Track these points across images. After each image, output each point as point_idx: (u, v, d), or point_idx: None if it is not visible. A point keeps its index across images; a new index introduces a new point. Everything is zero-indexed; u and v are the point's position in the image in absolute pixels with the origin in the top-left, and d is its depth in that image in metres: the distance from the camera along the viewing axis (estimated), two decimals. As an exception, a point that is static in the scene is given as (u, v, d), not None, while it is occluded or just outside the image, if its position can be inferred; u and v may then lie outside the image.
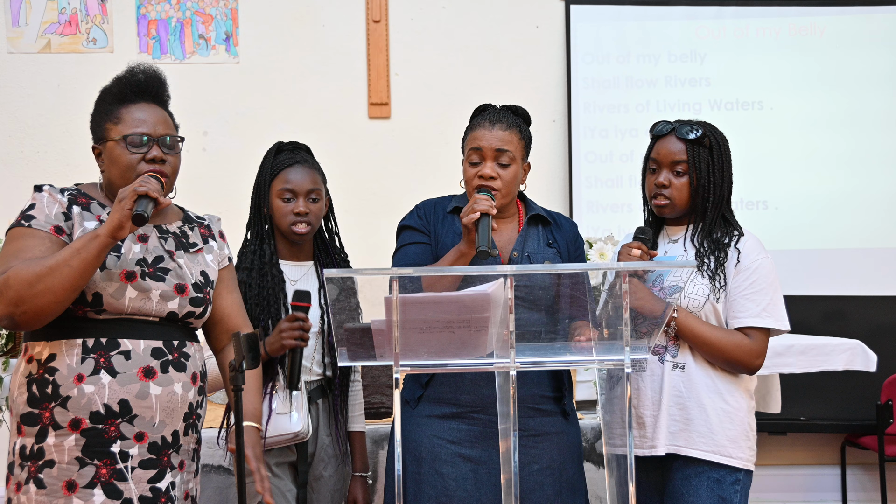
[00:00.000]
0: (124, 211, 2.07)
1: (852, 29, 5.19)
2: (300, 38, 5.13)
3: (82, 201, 2.24)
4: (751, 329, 2.45)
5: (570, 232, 2.63)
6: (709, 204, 2.50)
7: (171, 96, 2.36)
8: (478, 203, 2.33)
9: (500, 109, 2.58)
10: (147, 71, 2.32)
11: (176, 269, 2.25)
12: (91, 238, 2.08)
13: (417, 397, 2.50)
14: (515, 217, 2.61)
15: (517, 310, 2.06)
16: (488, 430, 2.41)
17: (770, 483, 4.94)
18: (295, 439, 2.62)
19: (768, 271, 2.49)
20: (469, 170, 2.51)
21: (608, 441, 2.34)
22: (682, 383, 2.46)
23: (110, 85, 2.31)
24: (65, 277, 2.05)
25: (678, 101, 5.14)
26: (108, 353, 2.15)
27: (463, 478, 2.41)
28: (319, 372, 2.71)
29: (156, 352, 2.19)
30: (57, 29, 5.03)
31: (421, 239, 2.55)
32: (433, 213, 2.59)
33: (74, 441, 2.11)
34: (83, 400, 2.12)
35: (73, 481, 2.11)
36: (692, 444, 2.43)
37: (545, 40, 5.22)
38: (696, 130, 2.50)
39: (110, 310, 2.16)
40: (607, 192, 5.16)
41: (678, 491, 2.44)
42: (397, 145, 5.08)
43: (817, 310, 5.00)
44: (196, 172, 5.08)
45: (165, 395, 2.18)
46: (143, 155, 2.22)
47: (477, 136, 2.51)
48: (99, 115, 2.29)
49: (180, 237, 2.33)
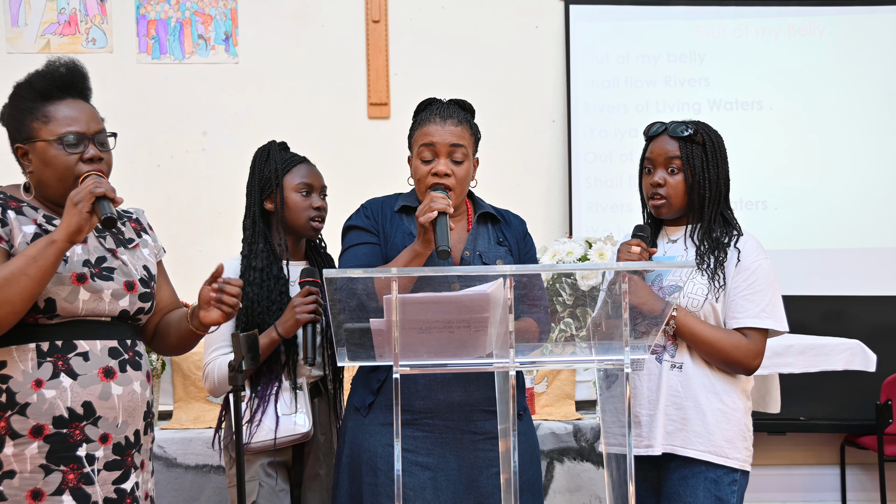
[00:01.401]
0: (82, 214, 2.02)
1: (852, 29, 5.19)
2: (300, 38, 5.13)
3: (13, 205, 2.16)
4: (749, 329, 2.46)
5: (519, 229, 2.56)
6: (705, 201, 2.50)
7: (92, 89, 2.27)
8: (435, 202, 2.27)
9: (448, 104, 2.51)
10: (68, 64, 2.22)
11: (121, 267, 2.21)
12: (47, 244, 2.02)
13: (368, 404, 2.41)
14: (465, 215, 2.52)
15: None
16: (444, 435, 2.36)
17: (769, 483, 4.94)
18: (304, 439, 2.60)
19: (767, 272, 2.49)
20: (421, 167, 2.44)
21: (607, 441, 2.33)
22: (679, 383, 2.46)
23: (29, 80, 2.21)
24: (23, 287, 2.00)
25: (677, 102, 5.14)
26: (65, 355, 2.10)
27: (421, 487, 2.32)
28: (317, 372, 2.69)
29: (112, 351, 2.15)
30: (56, 29, 5.03)
31: (370, 239, 2.47)
32: (381, 213, 2.51)
33: (37, 448, 2.06)
34: (44, 405, 2.06)
35: (39, 490, 2.05)
36: (689, 443, 2.43)
37: (545, 40, 5.22)
38: (688, 128, 2.51)
39: (63, 314, 2.11)
40: (607, 192, 5.16)
41: (675, 491, 2.44)
42: (397, 145, 5.05)
43: (817, 310, 5.00)
44: (196, 172, 5.11)
45: (126, 394, 2.15)
46: (80, 155, 2.14)
47: (429, 132, 2.44)
48: (20, 113, 2.19)
49: (117, 234, 2.27)
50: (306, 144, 2.96)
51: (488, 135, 3.41)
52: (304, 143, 2.87)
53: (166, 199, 4.94)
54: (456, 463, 2.36)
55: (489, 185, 2.84)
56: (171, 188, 4.99)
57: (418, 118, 2.52)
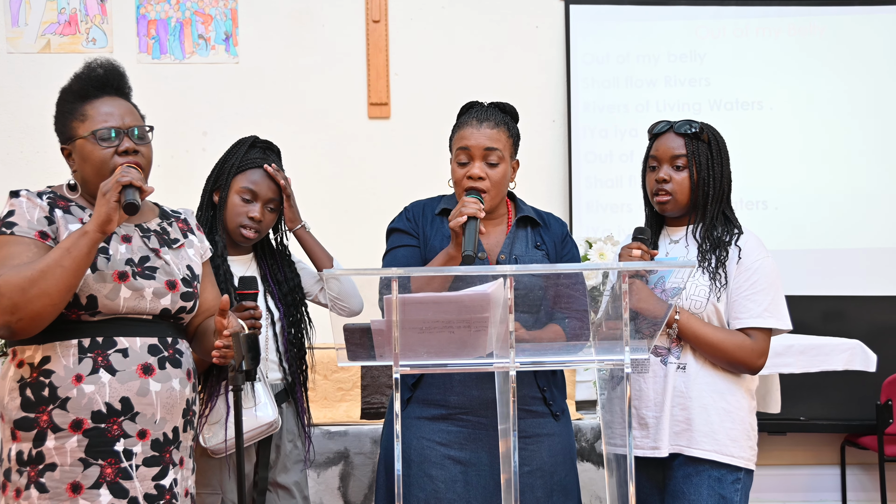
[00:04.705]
0: (111, 203, 2.05)
1: (852, 29, 5.19)
2: (300, 38, 5.13)
3: (62, 204, 2.21)
4: (753, 329, 2.46)
5: (558, 232, 2.58)
6: (709, 199, 2.51)
7: (132, 88, 2.33)
8: (466, 206, 2.29)
9: (487, 107, 2.52)
10: (105, 65, 2.29)
11: (164, 266, 2.24)
12: (80, 235, 2.06)
13: (406, 399, 2.46)
14: (504, 218, 2.55)
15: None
16: (478, 431, 2.39)
17: (770, 483, 4.94)
18: (269, 430, 2.53)
19: (770, 271, 2.49)
20: (457, 170, 2.46)
21: (608, 441, 2.34)
22: (683, 383, 2.46)
23: (70, 84, 2.28)
24: (58, 279, 2.03)
25: (678, 101, 5.14)
26: (105, 351, 2.13)
27: (452, 480, 2.37)
28: (278, 376, 2.63)
29: (152, 348, 2.18)
30: (56, 29, 5.03)
31: (410, 242, 2.51)
32: (422, 215, 2.55)
33: (77, 442, 2.10)
34: (83, 400, 2.10)
35: (78, 483, 2.09)
36: (694, 443, 2.44)
37: (545, 40, 5.23)
38: (693, 126, 2.53)
39: (105, 311, 2.14)
40: (607, 192, 5.16)
41: (679, 489, 2.45)
42: (397, 145, 5.08)
43: (817, 310, 5.00)
44: (196, 172, 5.06)
45: (165, 391, 2.17)
46: (116, 148, 2.19)
47: (464, 135, 2.46)
48: (63, 116, 2.26)
49: (161, 234, 2.31)
50: (306, 144, 2.96)
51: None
52: (304, 143, 2.87)
53: (166, 199, 4.93)
54: (488, 459, 2.38)
55: (489, 185, 2.84)
56: (171, 188, 4.97)
57: (458, 121, 2.54)
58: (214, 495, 2.55)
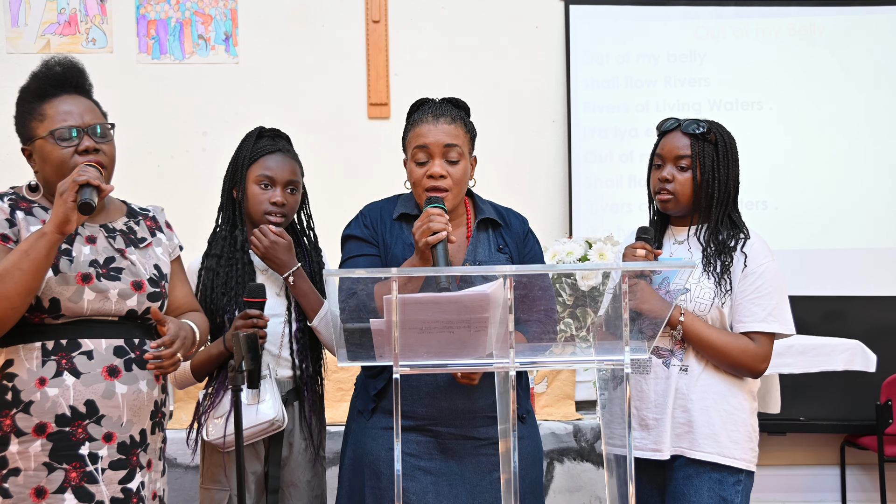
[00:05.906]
0: (67, 203, 2.01)
1: (852, 29, 5.19)
2: (300, 38, 5.13)
3: (23, 205, 2.18)
4: (756, 334, 2.45)
5: (519, 231, 2.50)
6: (713, 201, 2.49)
7: (93, 84, 2.27)
8: (433, 221, 2.19)
9: (440, 103, 2.46)
10: (63, 62, 2.24)
11: (129, 267, 2.21)
12: (38, 237, 2.03)
13: (371, 409, 2.40)
14: (464, 218, 2.47)
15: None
16: (447, 441, 2.36)
17: (770, 483, 4.94)
18: (271, 428, 2.50)
19: (774, 275, 2.48)
20: (416, 170, 2.39)
21: (608, 441, 2.33)
22: (685, 385, 2.46)
23: (28, 83, 2.23)
24: (17, 282, 2.00)
25: (678, 102, 5.13)
26: (69, 353, 2.10)
27: (423, 491, 2.32)
28: (289, 374, 2.61)
29: (118, 350, 2.15)
30: (56, 29, 5.03)
31: (369, 251, 2.42)
32: (380, 221, 2.46)
33: (41, 446, 2.07)
34: (47, 403, 2.07)
35: (42, 487, 2.06)
36: (696, 445, 2.43)
37: (545, 40, 5.23)
38: (701, 126, 2.50)
39: (69, 313, 2.11)
40: (607, 192, 5.15)
41: (679, 491, 2.44)
42: (397, 145, 5.06)
43: (817, 310, 4.99)
44: (196, 172, 5.10)
45: (131, 393, 2.14)
46: (75, 147, 2.15)
47: (421, 133, 2.39)
48: (22, 116, 2.22)
49: (128, 234, 2.27)
50: (306, 144, 2.95)
51: (489, 135, 3.42)
52: (304, 143, 2.86)
53: (166, 199, 4.92)
54: (458, 468, 2.35)
55: (489, 185, 2.84)
56: (172, 188, 4.99)
57: (411, 119, 2.48)
58: (223, 491, 2.54)
